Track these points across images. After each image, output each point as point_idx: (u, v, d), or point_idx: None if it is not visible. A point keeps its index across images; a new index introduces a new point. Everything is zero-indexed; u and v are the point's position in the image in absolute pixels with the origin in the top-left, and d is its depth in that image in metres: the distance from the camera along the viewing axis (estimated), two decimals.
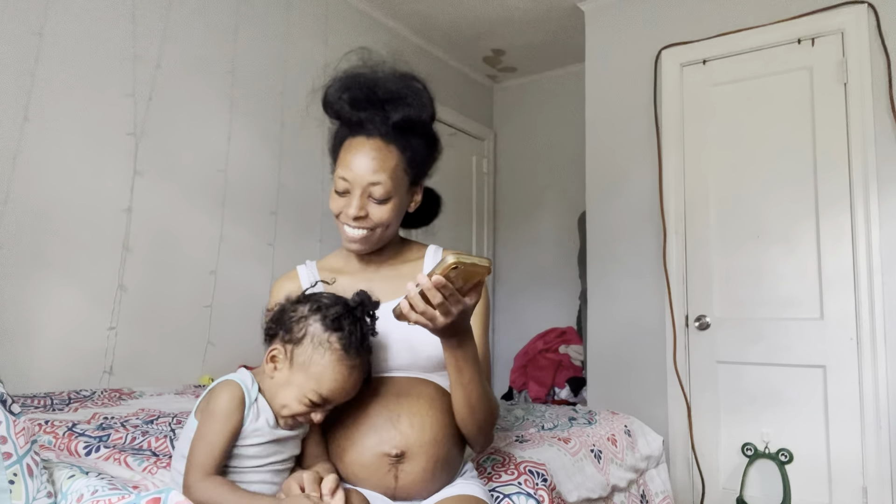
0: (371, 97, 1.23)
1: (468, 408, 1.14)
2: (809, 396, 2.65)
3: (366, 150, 1.21)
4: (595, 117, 3.32)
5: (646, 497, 1.89)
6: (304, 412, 1.04)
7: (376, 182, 1.20)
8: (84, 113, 2.28)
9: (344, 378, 1.04)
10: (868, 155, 2.58)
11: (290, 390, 1.04)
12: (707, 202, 2.94)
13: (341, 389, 1.04)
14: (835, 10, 2.70)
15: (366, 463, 1.11)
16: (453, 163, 4.21)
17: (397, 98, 1.23)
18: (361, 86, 1.24)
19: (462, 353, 1.10)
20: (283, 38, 3.04)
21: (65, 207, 2.21)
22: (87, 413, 1.73)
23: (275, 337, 1.08)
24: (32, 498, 0.90)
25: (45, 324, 2.14)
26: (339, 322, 1.05)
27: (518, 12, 3.57)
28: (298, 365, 1.04)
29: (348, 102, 1.23)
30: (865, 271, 2.56)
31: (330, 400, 1.04)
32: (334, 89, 1.26)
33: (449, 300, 0.99)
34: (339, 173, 1.21)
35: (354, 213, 1.19)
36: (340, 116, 1.26)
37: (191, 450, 1.01)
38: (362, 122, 1.22)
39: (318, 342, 1.04)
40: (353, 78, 1.26)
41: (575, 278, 3.97)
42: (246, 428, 1.02)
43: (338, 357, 1.03)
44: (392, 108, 1.23)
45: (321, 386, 1.03)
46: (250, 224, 2.83)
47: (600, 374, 3.16)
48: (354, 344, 1.05)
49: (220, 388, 1.04)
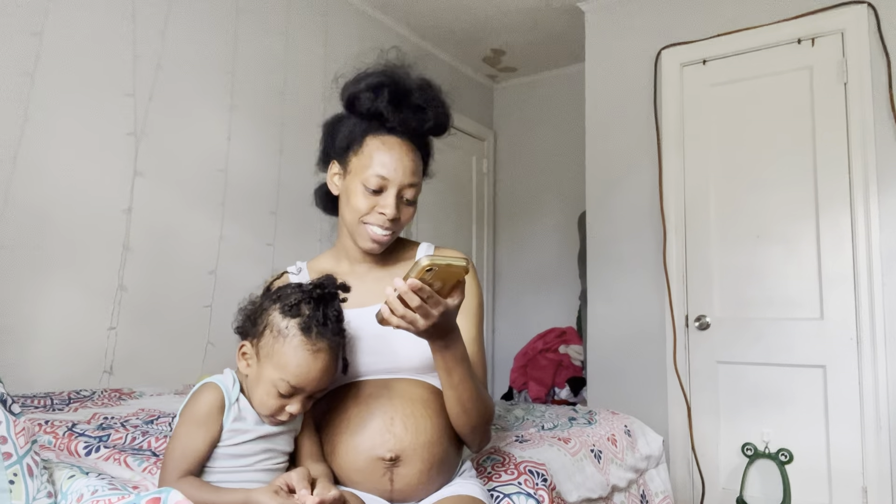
0: (408, 100, 1.23)
1: (461, 408, 1.13)
2: (809, 396, 2.65)
3: (404, 151, 1.21)
4: (595, 117, 3.32)
5: (646, 497, 1.89)
6: (278, 405, 1.03)
7: (414, 184, 1.21)
8: (84, 113, 2.28)
9: (308, 363, 1.01)
10: (868, 155, 2.58)
11: (261, 385, 1.03)
12: (707, 202, 2.94)
13: (307, 375, 1.02)
14: (835, 10, 2.70)
15: (360, 467, 1.10)
16: (453, 163, 4.21)
17: (432, 106, 1.25)
18: (399, 86, 1.23)
19: (450, 353, 1.08)
20: (283, 38, 3.04)
21: (65, 207, 2.21)
22: (87, 413, 1.73)
23: (245, 332, 1.08)
24: (32, 498, 0.90)
25: (45, 324, 2.14)
26: (297, 308, 1.03)
27: (518, 12, 3.57)
28: (264, 357, 1.03)
29: (388, 100, 1.21)
30: (865, 271, 2.56)
31: (300, 387, 1.02)
32: (367, 84, 1.23)
33: (428, 302, 0.98)
34: (377, 171, 1.18)
35: (392, 213, 1.18)
36: (372, 113, 1.22)
37: (166, 451, 1.02)
38: (400, 122, 1.22)
39: (278, 330, 1.03)
40: (389, 76, 1.24)
41: (575, 278, 3.97)
42: (228, 429, 1.02)
43: (298, 342, 1.01)
44: (426, 116, 1.24)
45: (287, 373, 1.01)
46: (250, 224, 2.83)
47: (600, 374, 3.16)
48: (316, 327, 1.02)
49: (200, 390, 1.04)
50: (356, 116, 1.25)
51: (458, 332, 1.08)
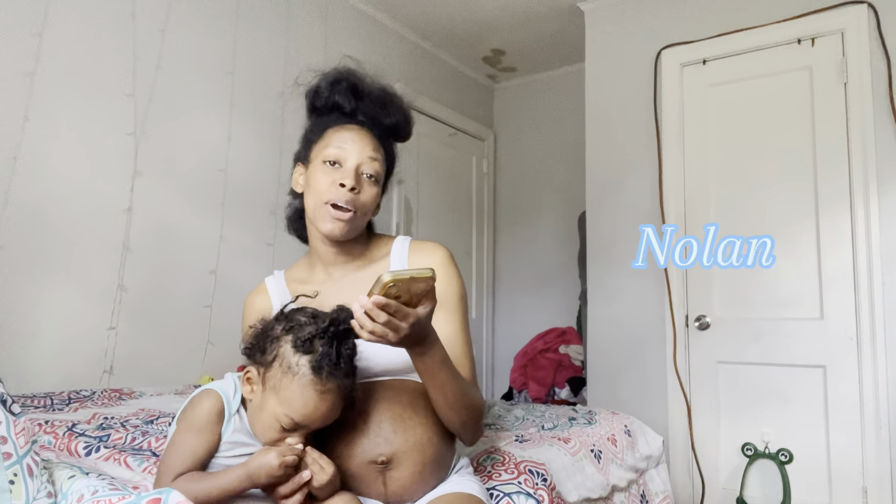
0: (367, 93, 1.25)
1: (447, 407, 1.12)
2: (809, 396, 2.65)
3: (361, 134, 1.22)
4: (595, 117, 3.32)
5: (646, 497, 1.89)
6: (278, 438, 0.99)
7: (375, 158, 1.21)
8: (84, 113, 2.28)
9: (315, 403, 0.98)
10: (868, 155, 2.58)
11: (264, 416, 1.00)
12: (707, 202, 2.94)
13: (312, 414, 0.98)
14: (835, 10, 2.70)
15: (353, 472, 1.09)
16: (453, 163, 4.21)
17: (391, 105, 1.26)
18: (357, 79, 1.26)
19: (429, 358, 1.06)
20: (283, 38, 3.04)
21: (65, 207, 2.21)
22: (87, 413, 1.73)
23: (253, 356, 1.04)
24: (32, 498, 0.90)
25: (45, 324, 2.14)
26: (310, 343, 0.99)
27: (518, 12, 3.57)
28: (270, 389, 0.99)
29: (348, 90, 1.23)
30: (865, 271, 2.56)
31: (303, 425, 0.99)
32: (327, 81, 1.26)
33: (396, 316, 0.96)
34: (336, 143, 1.19)
35: (351, 182, 1.16)
36: (331, 105, 1.25)
37: (163, 456, 1.00)
38: (359, 110, 1.23)
39: (287, 365, 0.98)
40: (347, 73, 1.26)
41: (575, 278, 3.97)
42: (227, 440, 1.00)
43: (307, 381, 0.97)
44: (386, 112, 1.25)
45: (291, 411, 0.97)
46: (250, 224, 2.83)
47: (600, 374, 3.16)
48: (327, 367, 0.98)
49: (199, 397, 1.02)
50: (316, 115, 1.28)
51: (433, 337, 1.06)
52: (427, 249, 1.28)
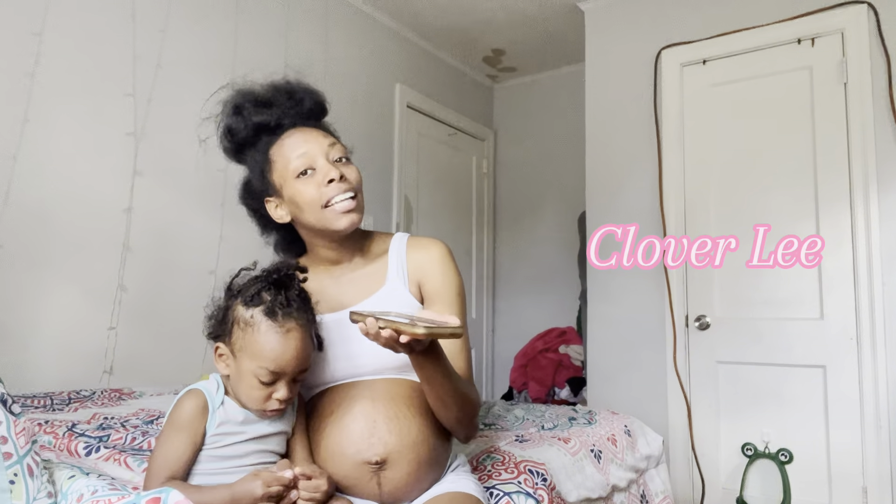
0: (272, 99, 1.22)
1: (443, 406, 1.12)
2: (809, 396, 2.65)
3: (302, 131, 1.21)
4: (595, 117, 3.32)
5: (646, 497, 1.89)
6: (264, 395, 1.03)
7: (333, 142, 1.20)
8: (84, 113, 2.28)
9: (281, 344, 1.02)
10: (868, 155, 2.58)
11: (243, 379, 1.03)
12: (707, 202, 2.94)
13: (283, 356, 1.02)
14: (835, 10, 2.70)
15: (347, 473, 1.09)
16: (453, 163, 4.21)
17: (295, 93, 1.23)
18: (257, 94, 1.23)
19: (428, 361, 1.06)
20: (283, 38, 3.04)
21: (65, 207, 2.21)
22: (87, 413, 1.73)
23: (216, 334, 1.09)
24: (33, 498, 0.90)
25: (45, 324, 2.14)
26: (258, 297, 1.04)
27: (518, 12, 3.57)
28: (239, 352, 1.04)
29: (257, 105, 1.21)
30: (865, 271, 2.56)
31: (280, 371, 1.02)
32: (232, 114, 1.23)
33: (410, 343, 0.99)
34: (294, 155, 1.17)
35: (335, 173, 1.16)
36: (251, 128, 1.22)
37: (150, 457, 1.03)
38: (281, 118, 1.21)
39: (245, 322, 1.04)
40: (242, 94, 1.23)
41: (575, 278, 3.97)
42: (214, 433, 1.02)
43: (266, 327, 1.02)
44: (298, 101, 1.23)
45: (264, 360, 1.01)
46: (250, 224, 2.80)
47: (600, 374, 3.16)
48: (280, 309, 1.03)
49: (183, 397, 1.05)
50: (246, 149, 1.26)
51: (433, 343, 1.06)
52: (425, 245, 1.28)
